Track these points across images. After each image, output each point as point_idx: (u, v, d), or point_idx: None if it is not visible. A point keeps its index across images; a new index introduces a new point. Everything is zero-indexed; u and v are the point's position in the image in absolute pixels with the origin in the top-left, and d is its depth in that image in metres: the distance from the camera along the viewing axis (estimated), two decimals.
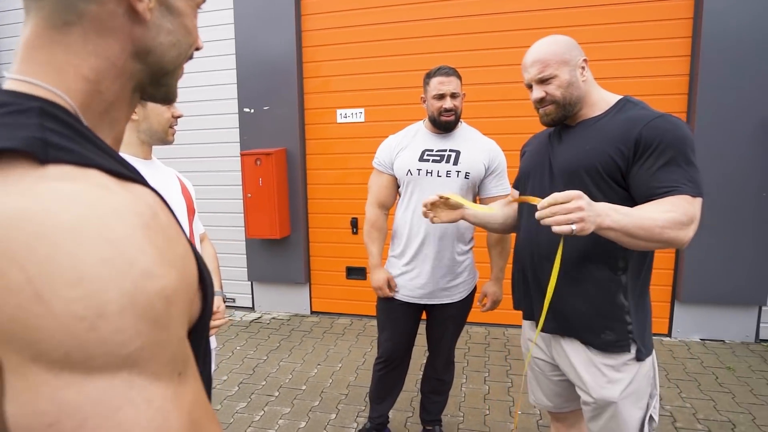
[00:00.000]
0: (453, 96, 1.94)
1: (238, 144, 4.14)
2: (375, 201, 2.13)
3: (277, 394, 2.95)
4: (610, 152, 1.25)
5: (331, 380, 3.10)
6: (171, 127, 1.43)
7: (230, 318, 1.55)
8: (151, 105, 1.34)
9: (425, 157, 1.99)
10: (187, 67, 0.56)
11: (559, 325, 1.40)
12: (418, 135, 2.06)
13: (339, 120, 4.00)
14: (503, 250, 2.13)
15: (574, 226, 1.05)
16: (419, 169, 1.98)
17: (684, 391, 2.84)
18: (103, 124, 0.49)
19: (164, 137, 1.43)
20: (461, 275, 2.07)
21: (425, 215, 1.63)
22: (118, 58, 0.47)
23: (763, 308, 3.42)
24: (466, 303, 2.16)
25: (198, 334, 0.49)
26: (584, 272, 1.32)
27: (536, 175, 1.45)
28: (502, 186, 2.10)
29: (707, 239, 3.31)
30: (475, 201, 2.10)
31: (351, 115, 3.97)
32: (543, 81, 1.33)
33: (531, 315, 1.50)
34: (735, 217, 3.32)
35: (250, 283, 4.39)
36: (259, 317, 4.27)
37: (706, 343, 3.48)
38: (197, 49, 0.59)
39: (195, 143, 4.29)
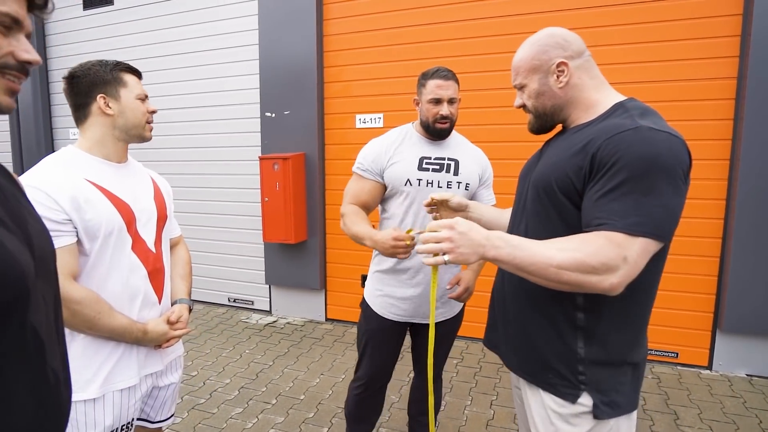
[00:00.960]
0: (450, 102, 1.77)
1: (260, 148, 4.18)
2: (355, 201, 1.88)
3: (274, 401, 2.90)
4: (567, 168, 1.06)
5: (330, 392, 3.01)
6: (148, 122, 1.38)
7: (188, 330, 1.49)
8: (125, 99, 1.32)
9: (424, 165, 1.82)
10: (213, 72, 0.51)
11: (512, 360, 1.25)
12: (410, 140, 1.88)
13: (358, 125, 3.94)
14: None
15: (446, 257, 1.02)
16: (419, 179, 1.80)
17: None
18: None
19: (142, 133, 1.37)
20: (453, 289, 1.92)
21: (430, 213, 1.55)
22: None
23: None
24: (458, 319, 2.02)
25: None
26: (536, 303, 1.15)
27: (519, 186, 1.30)
28: (492, 195, 1.98)
29: (753, 261, 2.95)
30: None
31: (370, 120, 3.90)
32: (518, 89, 1.22)
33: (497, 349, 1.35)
34: None
35: (268, 286, 4.40)
36: (275, 321, 4.26)
37: (752, 380, 3.08)
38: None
39: (218, 146, 4.38)
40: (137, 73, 1.39)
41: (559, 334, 1.11)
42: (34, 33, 3.96)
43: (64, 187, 1.20)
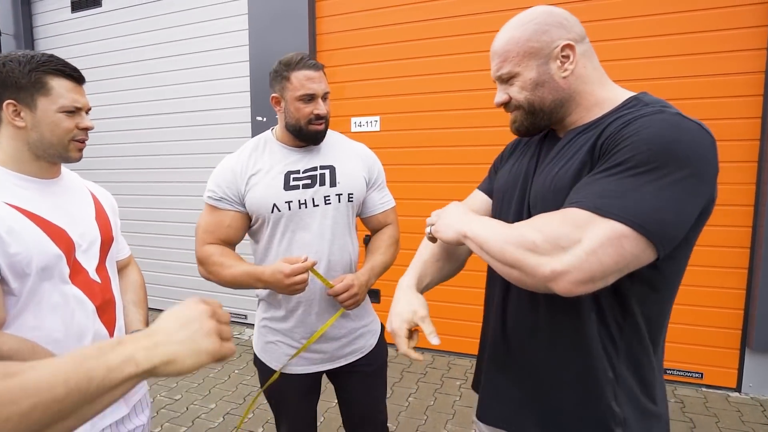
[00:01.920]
0: (324, 98, 1.45)
1: None
2: (213, 240, 1.48)
3: (260, 431, 2.66)
4: (574, 168, 0.86)
5: (322, 418, 2.77)
6: (75, 140, 1.12)
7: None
8: (42, 110, 1.06)
9: (292, 183, 1.46)
10: (202, 75, 0.34)
11: None
12: (270, 152, 1.50)
13: (353, 129, 3.72)
14: (388, 251, 1.61)
15: (429, 228, 1.05)
16: (289, 202, 1.44)
17: None
18: None
19: (63, 153, 1.11)
20: (363, 317, 1.59)
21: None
22: None
23: None
24: (380, 348, 1.65)
25: None
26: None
27: (509, 198, 1.03)
28: (387, 197, 1.67)
29: None
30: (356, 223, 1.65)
31: (366, 124, 3.68)
32: (506, 79, 0.97)
33: (484, 414, 1.07)
34: None
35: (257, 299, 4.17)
36: None
37: None
38: None
39: (208, 153, 4.18)
40: (74, 78, 1.11)
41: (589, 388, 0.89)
42: (21, 38, 3.78)
43: None
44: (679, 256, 0.82)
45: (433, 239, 1.08)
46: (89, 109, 1.15)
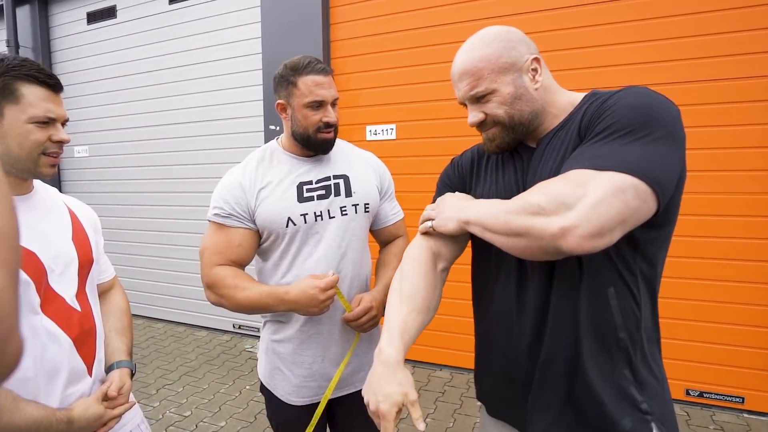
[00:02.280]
0: (334, 104, 1.35)
1: None
2: (223, 261, 1.34)
3: None
4: (570, 155, 0.88)
5: None
6: (46, 154, 1.00)
7: (133, 403, 1.14)
8: (10, 120, 0.95)
9: (306, 194, 1.35)
10: (215, 84, 0.27)
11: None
12: (278, 163, 1.39)
13: (369, 137, 3.61)
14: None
15: (429, 223, 1.03)
16: (304, 215, 1.33)
17: None
18: None
19: (33, 168, 0.99)
20: (375, 340, 1.45)
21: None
22: None
23: None
24: None
25: None
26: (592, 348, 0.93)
27: None
28: (397, 208, 1.58)
29: None
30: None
31: (381, 132, 3.57)
32: (478, 98, 0.97)
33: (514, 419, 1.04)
34: None
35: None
36: None
37: None
38: None
39: (220, 162, 4.12)
40: (49, 85, 1.00)
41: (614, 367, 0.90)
42: (39, 50, 3.77)
43: None
44: (668, 219, 0.87)
45: (427, 232, 1.07)
46: (66, 121, 1.04)
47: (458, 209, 0.96)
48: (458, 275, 1.41)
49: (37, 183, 1.10)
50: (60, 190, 1.20)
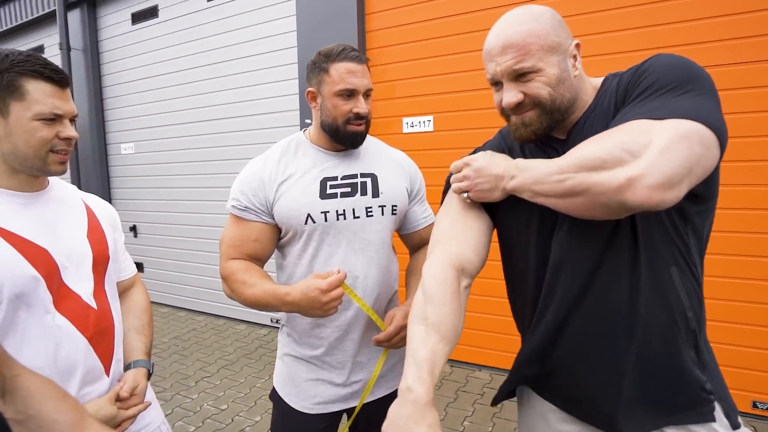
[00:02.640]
0: (366, 95, 1.25)
1: None
2: (239, 255, 1.29)
3: None
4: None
5: None
6: (54, 151, 0.97)
7: (148, 403, 1.11)
8: (15, 117, 0.92)
9: (329, 190, 1.26)
10: (252, 79, 0.23)
11: (644, 421, 0.90)
12: (303, 155, 1.31)
13: (405, 130, 3.51)
14: None
15: (465, 195, 0.98)
16: (325, 212, 1.24)
17: None
18: None
19: (41, 166, 0.96)
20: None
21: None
22: None
23: None
24: None
25: None
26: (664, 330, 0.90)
27: (531, 221, 0.95)
28: (429, 211, 1.47)
29: None
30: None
31: (418, 124, 3.46)
32: (520, 76, 0.87)
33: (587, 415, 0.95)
34: None
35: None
36: None
37: None
38: None
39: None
40: (55, 80, 0.95)
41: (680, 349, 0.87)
42: (89, 51, 3.90)
43: None
44: (712, 191, 0.83)
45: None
46: (74, 117, 1.00)
47: (499, 175, 0.90)
48: (495, 273, 1.30)
49: (53, 179, 1.08)
50: (108, 187, 1.18)
